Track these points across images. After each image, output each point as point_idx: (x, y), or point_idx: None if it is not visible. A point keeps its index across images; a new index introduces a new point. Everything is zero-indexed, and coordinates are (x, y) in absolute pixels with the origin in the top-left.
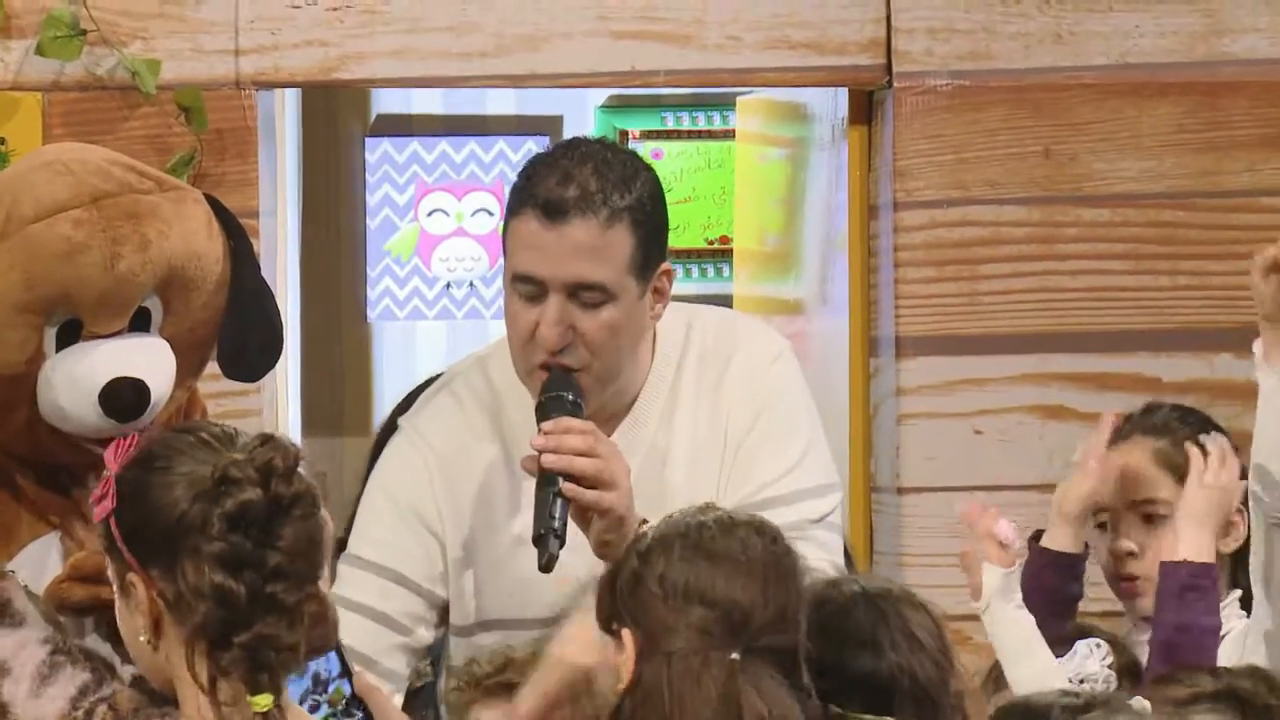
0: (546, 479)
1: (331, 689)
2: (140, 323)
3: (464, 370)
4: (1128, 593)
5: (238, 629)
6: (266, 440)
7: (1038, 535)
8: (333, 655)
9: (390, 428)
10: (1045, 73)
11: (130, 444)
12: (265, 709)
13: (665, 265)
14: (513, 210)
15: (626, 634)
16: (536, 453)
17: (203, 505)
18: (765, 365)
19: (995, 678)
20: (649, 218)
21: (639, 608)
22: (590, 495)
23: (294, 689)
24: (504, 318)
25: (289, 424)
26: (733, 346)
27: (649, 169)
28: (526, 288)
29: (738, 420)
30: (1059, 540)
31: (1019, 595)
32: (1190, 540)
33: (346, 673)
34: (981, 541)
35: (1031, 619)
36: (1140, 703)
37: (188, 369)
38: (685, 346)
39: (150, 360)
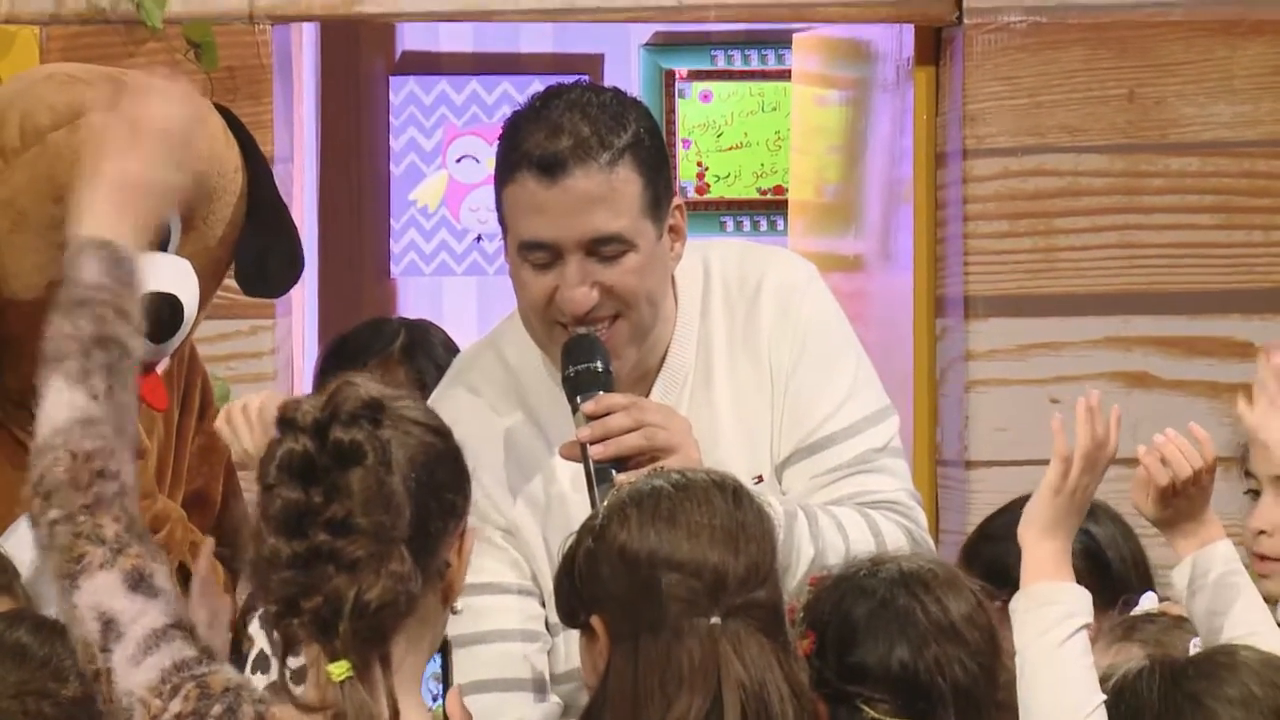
0: (599, 474)
1: (434, 705)
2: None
3: (473, 358)
4: (1260, 571)
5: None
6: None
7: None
8: (437, 659)
9: None
10: (1129, 9)
11: (157, 380)
12: (342, 678)
13: (677, 200)
14: (505, 177)
15: (596, 620)
16: (577, 439)
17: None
18: (799, 291)
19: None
20: (651, 153)
21: (602, 588)
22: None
23: None
24: (515, 289)
25: (304, 390)
26: (759, 276)
27: (638, 102)
28: (538, 255)
29: (781, 355)
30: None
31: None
32: None
33: (446, 684)
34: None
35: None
36: None
37: (204, 292)
38: (707, 285)
39: (179, 277)
